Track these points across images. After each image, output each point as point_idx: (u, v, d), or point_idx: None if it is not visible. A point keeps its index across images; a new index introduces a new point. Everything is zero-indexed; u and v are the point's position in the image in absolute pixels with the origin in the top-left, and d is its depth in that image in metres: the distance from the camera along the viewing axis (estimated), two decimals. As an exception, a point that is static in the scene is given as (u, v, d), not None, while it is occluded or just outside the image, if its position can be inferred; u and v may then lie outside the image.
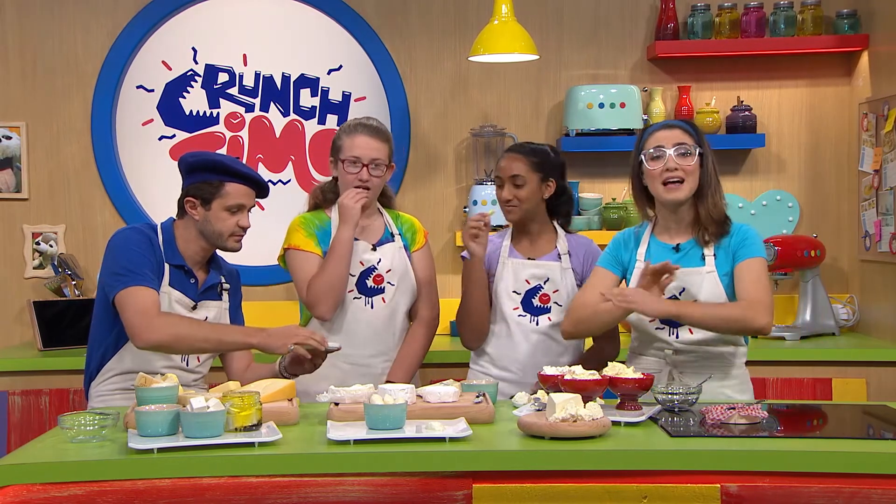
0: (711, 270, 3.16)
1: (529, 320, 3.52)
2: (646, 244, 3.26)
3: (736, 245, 3.16)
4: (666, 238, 3.25)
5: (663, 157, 3.15)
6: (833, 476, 2.50)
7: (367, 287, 3.53)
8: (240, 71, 4.87)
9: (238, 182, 3.23)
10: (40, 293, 4.76)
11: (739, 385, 3.24)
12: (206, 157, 3.31)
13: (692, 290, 3.16)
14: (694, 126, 3.24)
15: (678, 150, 3.14)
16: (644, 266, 3.13)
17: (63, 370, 4.20)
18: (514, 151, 3.54)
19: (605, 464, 2.53)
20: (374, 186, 3.51)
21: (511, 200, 3.49)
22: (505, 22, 4.35)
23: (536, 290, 3.52)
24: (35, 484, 2.46)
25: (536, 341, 3.51)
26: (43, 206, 4.85)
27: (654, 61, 4.86)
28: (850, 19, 4.72)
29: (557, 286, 3.52)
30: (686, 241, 3.22)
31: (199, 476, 2.48)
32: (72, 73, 4.83)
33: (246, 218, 3.25)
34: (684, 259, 3.19)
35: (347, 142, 3.52)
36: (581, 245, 3.59)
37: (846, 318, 4.72)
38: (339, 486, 2.49)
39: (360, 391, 2.86)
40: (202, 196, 3.22)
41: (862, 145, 4.68)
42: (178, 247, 3.24)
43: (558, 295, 3.51)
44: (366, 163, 3.48)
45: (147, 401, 2.73)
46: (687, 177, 3.15)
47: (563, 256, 3.54)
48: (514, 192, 3.48)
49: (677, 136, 3.17)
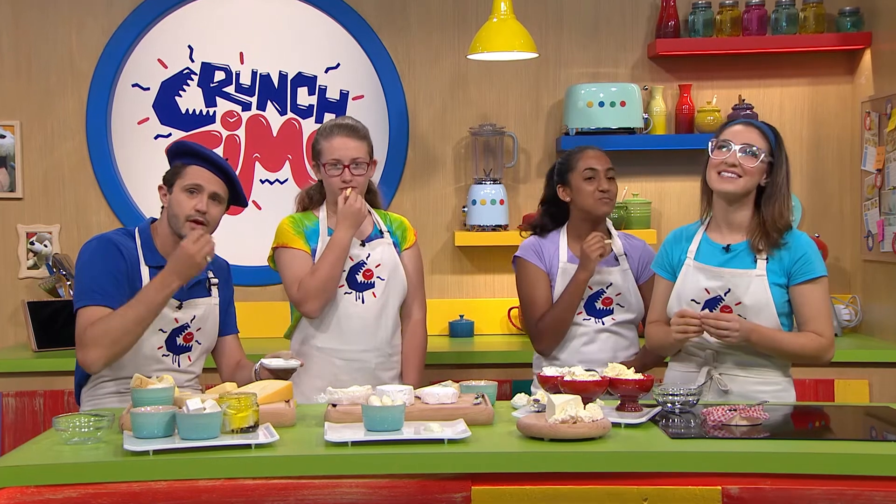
0: (762, 274, 3.16)
1: (595, 321, 3.60)
2: (697, 241, 3.28)
3: (793, 261, 3.16)
4: (718, 237, 3.26)
5: (727, 149, 3.16)
6: (835, 478, 2.50)
7: (358, 282, 3.55)
8: (236, 69, 4.87)
9: (197, 163, 3.22)
10: (35, 293, 4.77)
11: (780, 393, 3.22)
12: (175, 144, 3.34)
13: (737, 291, 3.17)
14: (775, 133, 3.22)
15: (744, 148, 3.14)
16: (682, 311, 3.14)
17: (58, 371, 4.20)
18: (596, 148, 3.67)
19: (605, 466, 2.53)
20: (359, 185, 3.54)
21: (608, 192, 3.57)
22: (504, 19, 4.35)
23: (599, 294, 3.60)
24: (29, 486, 2.45)
25: (604, 339, 3.60)
26: (37, 205, 4.85)
27: (655, 59, 4.86)
28: (852, 17, 4.73)
29: (620, 289, 3.61)
30: (738, 242, 3.22)
31: (196, 478, 2.48)
32: (66, 72, 4.83)
33: (203, 202, 3.19)
34: (734, 259, 3.20)
35: (326, 145, 3.54)
36: (636, 247, 3.69)
37: (848, 319, 4.72)
38: (336, 489, 2.49)
39: (358, 392, 2.86)
40: (168, 181, 3.25)
41: (864, 144, 4.69)
42: (156, 246, 3.24)
43: (621, 297, 3.61)
44: (346, 163, 3.51)
45: (143, 402, 2.72)
46: (745, 175, 3.14)
47: (621, 258, 3.64)
48: (609, 185, 3.58)
49: (750, 135, 3.17)
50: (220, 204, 3.24)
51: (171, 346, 3.25)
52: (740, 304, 3.16)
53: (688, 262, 3.26)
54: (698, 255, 3.26)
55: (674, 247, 3.34)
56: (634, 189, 4.81)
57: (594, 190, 3.57)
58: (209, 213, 3.19)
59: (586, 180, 3.57)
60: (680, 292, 3.26)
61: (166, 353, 3.24)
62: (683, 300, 3.24)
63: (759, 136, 3.18)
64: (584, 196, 3.58)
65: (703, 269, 3.23)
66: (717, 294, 3.19)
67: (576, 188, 3.60)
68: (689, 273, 3.25)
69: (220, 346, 3.41)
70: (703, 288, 3.21)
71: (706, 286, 3.21)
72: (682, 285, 3.25)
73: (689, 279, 3.24)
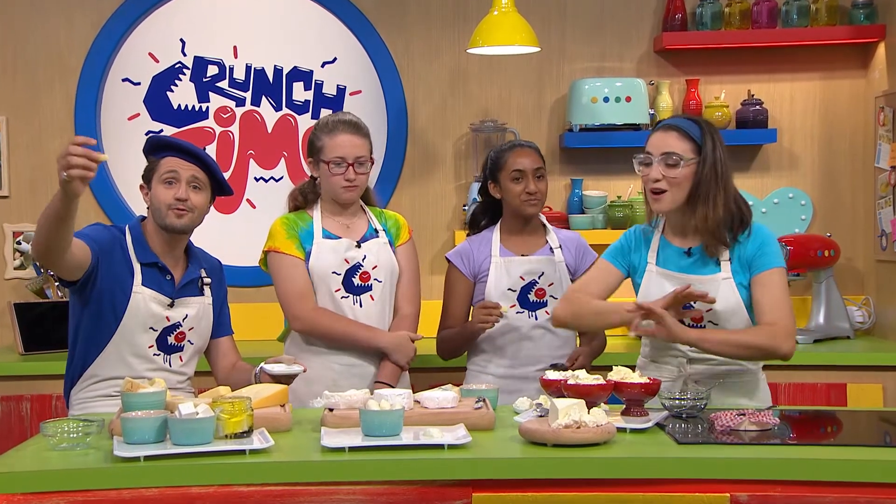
0: (728, 276, 3.12)
1: (528, 315, 3.63)
2: (656, 245, 3.23)
3: (751, 253, 3.11)
4: (678, 241, 3.21)
5: (650, 164, 3.12)
6: (848, 485, 2.50)
7: (355, 285, 3.55)
8: (230, 63, 4.88)
9: (170, 154, 3.24)
10: (21, 294, 4.77)
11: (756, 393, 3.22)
12: (147, 140, 3.35)
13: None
14: (698, 124, 3.14)
15: (663, 160, 3.10)
16: (681, 288, 3.02)
17: (45, 375, 4.19)
18: (528, 146, 3.71)
19: (609, 472, 2.53)
20: (360, 184, 3.54)
21: (535, 194, 3.62)
22: (505, 12, 4.36)
23: (531, 285, 3.64)
24: (16, 494, 2.46)
25: (537, 336, 3.63)
26: (24, 203, 4.85)
27: (662, 53, 4.86)
28: (866, 9, 4.73)
29: (552, 279, 3.64)
30: (698, 244, 3.17)
31: (188, 485, 2.48)
32: (54, 66, 4.84)
33: (183, 189, 3.20)
34: (697, 263, 3.16)
35: (329, 141, 3.54)
36: (572, 239, 3.75)
37: (861, 321, 4.73)
38: (333, 496, 2.50)
39: (356, 396, 2.86)
40: (146, 178, 3.28)
41: (878, 141, 4.69)
42: (148, 244, 3.26)
43: (553, 288, 3.64)
44: (350, 162, 3.51)
45: (133, 406, 2.73)
46: (671, 188, 3.09)
47: (556, 250, 3.68)
48: (538, 185, 3.62)
49: (669, 142, 3.11)
50: (201, 190, 3.25)
51: (161, 346, 3.26)
52: (711, 311, 3.11)
53: (650, 267, 3.21)
54: (660, 261, 3.20)
55: (631, 249, 3.27)
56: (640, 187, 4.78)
57: (521, 191, 3.61)
58: (191, 199, 3.21)
59: (513, 181, 3.63)
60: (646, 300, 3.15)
61: (157, 352, 3.26)
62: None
63: (677, 138, 3.10)
64: (511, 196, 3.64)
65: (668, 275, 3.17)
66: (687, 302, 3.11)
67: (504, 187, 3.66)
68: (652, 280, 3.20)
69: (214, 348, 3.42)
70: None
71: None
72: (648, 293, 3.18)
73: (654, 287, 3.18)
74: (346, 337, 3.50)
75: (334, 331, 3.51)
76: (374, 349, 3.53)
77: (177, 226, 3.22)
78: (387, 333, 3.55)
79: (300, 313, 3.52)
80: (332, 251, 3.54)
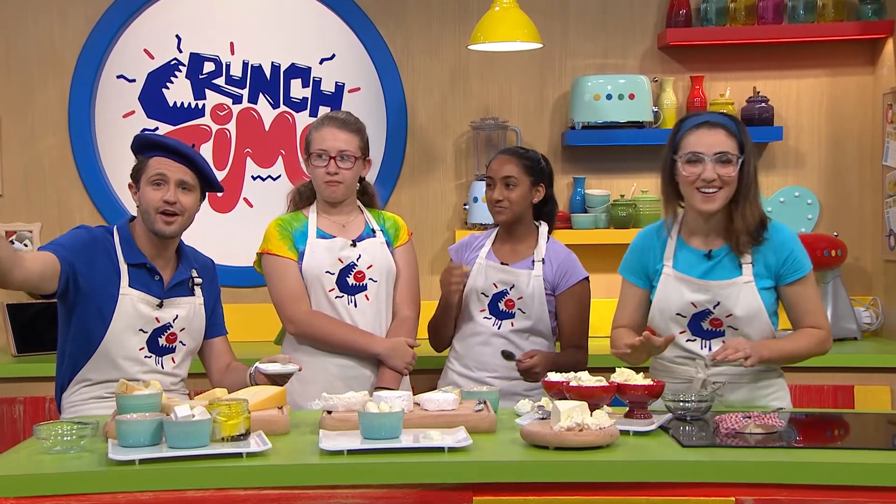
0: (749, 280, 3.11)
1: (493, 323, 3.63)
2: (672, 247, 3.20)
3: (780, 262, 3.12)
4: (696, 243, 3.18)
5: (701, 163, 3.08)
6: (855, 489, 2.50)
7: (349, 285, 3.55)
8: (227, 60, 4.88)
9: (158, 154, 3.23)
10: (14, 295, 4.76)
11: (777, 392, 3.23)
12: (135, 138, 3.34)
13: (727, 304, 3.11)
14: (738, 123, 3.14)
15: (718, 158, 3.07)
16: (644, 337, 3.02)
17: (38, 377, 4.20)
18: (508, 153, 3.69)
19: (613, 475, 2.53)
20: (344, 179, 3.54)
21: (502, 201, 3.60)
22: (507, 8, 4.36)
23: (503, 294, 3.63)
24: (9, 498, 2.46)
25: (498, 345, 3.60)
26: (17, 202, 4.85)
27: (666, 50, 4.87)
28: (873, 4, 4.73)
29: (522, 293, 3.61)
30: (719, 247, 3.15)
31: (184, 489, 2.48)
32: (48, 62, 4.84)
33: (172, 192, 3.19)
34: (717, 267, 3.14)
35: (315, 135, 3.57)
36: (558, 254, 3.66)
37: (869, 322, 4.73)
38: (332, 499, 2.50)
39: (354, 398, 2.87)
40: (135, 178, 3.27)
41: (886, 138, 4.69)
42: (136, 244, 3.26)
43: (522, 302, 3.61)
44: (333, 155, 3.51)
45: (128, 409, 2.73)
46: (725, 186, 3.08)
47: (537, 264, 3.63)
48: (505, 193, 3.59)
49: (720, 140, 3.08)
50: (190, 192, 3.24)
51: (152, 348, 3.25)
52: (731, 316, 3.11)
53: (666, 271, 3.18)
54: (677, 264, 3.18)
55: (646, 256, 3.25)
56: (644, 185, 4.81)
57: (490, 199, 3.64)
58: (180, 202, 3.20)
59: (488, 187, 3.66)
60: (663, 307, 3.17)
61: (148, 354, 3.25)
62: (667, 315, 3.17)
63: (726, 136, 3.10)
64: (487, 203, 3.68)
65: (686, 280, 3.15)
66: (706, 307, 3.12)
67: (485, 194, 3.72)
68: (669, 284, 3.17)
69: (208, 349, 3.42)
70: (688, 301, 3.14)
71: (692, 299, 3.13)
72: (665, 299, 3.17)
73: (672, 292, 3.16)
74: (342, 342, 3.51)
75: (329, 335, 3.51)
76: (369, 355, 3.53)
77: (166, 232, 3.21)
78: (383, 339, 3.54)
79: (294, 316, 3.52)
80: (325, 250, 3.54)
